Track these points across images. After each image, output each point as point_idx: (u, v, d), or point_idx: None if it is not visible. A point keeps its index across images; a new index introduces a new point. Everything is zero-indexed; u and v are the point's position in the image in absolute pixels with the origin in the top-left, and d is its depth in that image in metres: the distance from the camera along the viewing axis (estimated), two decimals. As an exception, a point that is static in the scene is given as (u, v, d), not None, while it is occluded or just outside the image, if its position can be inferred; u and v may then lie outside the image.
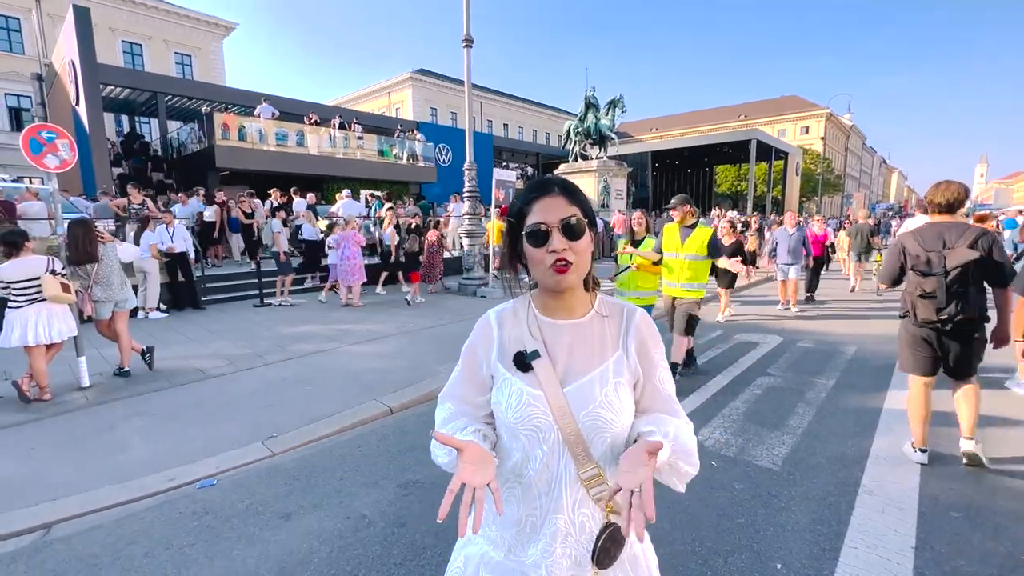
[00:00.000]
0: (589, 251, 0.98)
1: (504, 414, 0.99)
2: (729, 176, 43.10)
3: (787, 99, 62.36)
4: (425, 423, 3.97)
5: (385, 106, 42.28)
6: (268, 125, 16.46)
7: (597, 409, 0.95)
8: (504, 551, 1.01)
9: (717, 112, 65.24)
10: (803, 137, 55.78)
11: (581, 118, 23.14)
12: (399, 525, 2.63)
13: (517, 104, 48.38)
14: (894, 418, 3.87)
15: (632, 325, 1.04)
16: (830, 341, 6.35)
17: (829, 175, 48.49)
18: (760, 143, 32.31)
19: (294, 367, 5.26)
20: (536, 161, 36.46)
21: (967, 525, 2.53)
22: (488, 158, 24.35)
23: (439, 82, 42.14)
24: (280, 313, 8.15)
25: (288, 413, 4.06)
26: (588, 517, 0.97)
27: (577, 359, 1.00)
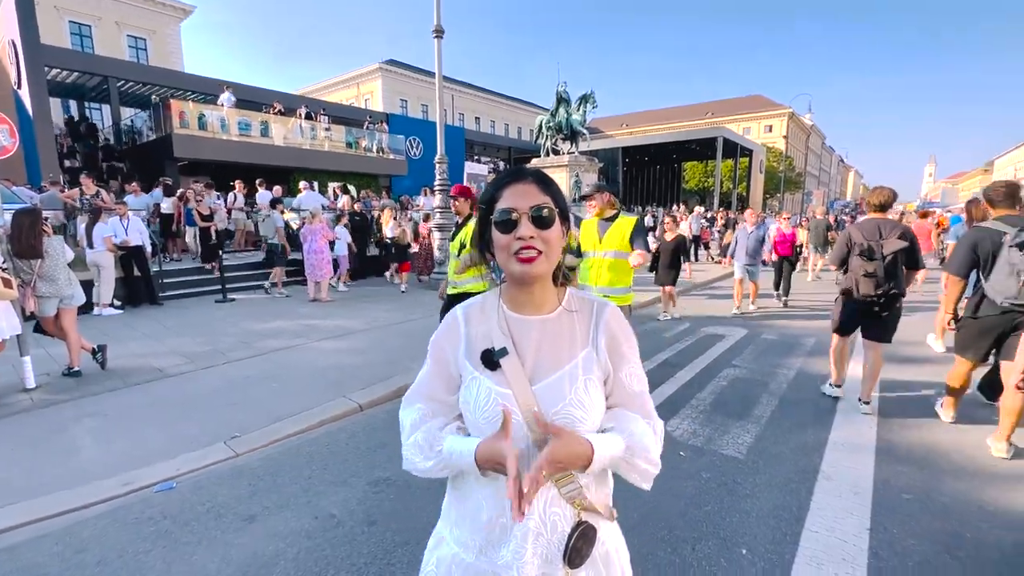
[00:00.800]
0: (559, 243, 0.96)
1: (472, 414, 0.97)
2: (697, 172, 44.07)
3: (752, 98, 64.10)
4: (396, 419, 3.90)
5: (354, 97, 41.34)
6: (230, 114, 15.86)
7: (567, 407, 0.94)
8: (475, 552, 0.98)
9: (685, 110, 66.52)
10: (767, 135, 57.52)
11: (553, 113, 23.16)
12: (369, 523, 2.58)
13: (489, 97, 48.10)
14: (851, 406, 4.03)
15: (602, 320, 1.02)
16: (792, 333, 6.57)
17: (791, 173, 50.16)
18: (726, 141, 33.11)
19: (259, 364, 5.10)
20: (508, 155, 36.36)
21: (917, 506, 2.67)
22: (460, 151, 24.15)
23: (410, 73, 41.46)
24: (244, 309, 7.89)
25: (252, 412, 3.93)
26: (559, 516, 0.95)
27: (546, 356, 0.98)
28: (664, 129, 52.64)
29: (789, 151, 51.80)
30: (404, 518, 2.62)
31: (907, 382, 4.61)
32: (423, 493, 2.84)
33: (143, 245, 8.03)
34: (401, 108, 39.86)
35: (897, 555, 2.29)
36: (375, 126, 20.62)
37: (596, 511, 0.97)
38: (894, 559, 2.26)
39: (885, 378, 4.71)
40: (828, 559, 2.26)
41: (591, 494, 0.97)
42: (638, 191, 40.09)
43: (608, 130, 56.70)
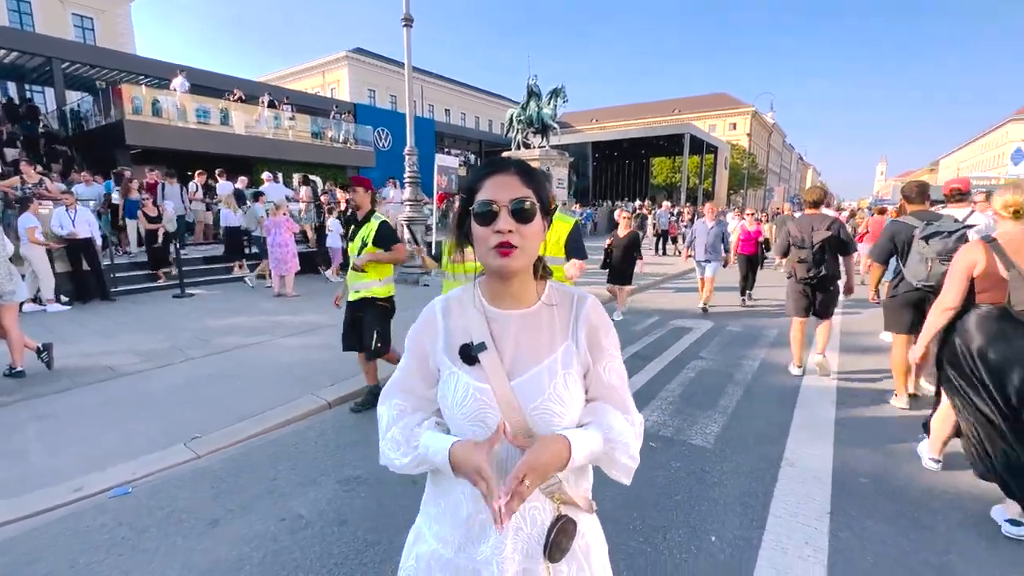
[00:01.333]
0: (539, 238, 0.94)
1: (450, 409, 0.96)
2: (664, 168, 44.87)
3: (717, 96, 65.64)
4: (367, 417, 3.84)
5: (320, 86, 40.14)
6: (185, 100, 15.13)
7: (546, 402, 0.92)
8: (455, 549, 0.97)
9: (653, 106, 67.55)
10: (731, 133, 59.05)
11: (523, 106, 23.11)
12: (339, 523, 2.52)
13: (460, 90, 47.58)
14: (811, 394, 4.20)
15: (582, 313, 1.01)
16: (756, 326, 6.78)
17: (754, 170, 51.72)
18: (693, 137, 33.80)
19: (220, 362, 4.91)
20: (479, 148, 36.11)
21: (873, 489, 2.80)
22: (430, 143, 23.82)
23: (377, 63, 40.54)
24: (204, 304, 7.58)
25: (214, 411, 3.78)
26: (539, 510, 0.95)
27: (525, 350, 0.97)
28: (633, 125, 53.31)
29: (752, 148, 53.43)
30: (376, 516, 2.58)
31: (863, 371, 4.82)
32: (396, 490, 2.79)
33: (92, 237, 7.59)
34: (369, 98, 38.97)
35: (856, 536, 2.39)
36: (342, 116, 20.09)
37: (575, 504, 0.97)
38: (853, 540, 2.36)
39: (843, 368, 4.93)
40: (792, 543, 2.35)
41: (570, 488, 0.96)
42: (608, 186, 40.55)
43: (578, 124, 57.02)
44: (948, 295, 2.60)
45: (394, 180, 13.30)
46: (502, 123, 27.96)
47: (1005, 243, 2.47)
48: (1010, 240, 2.47)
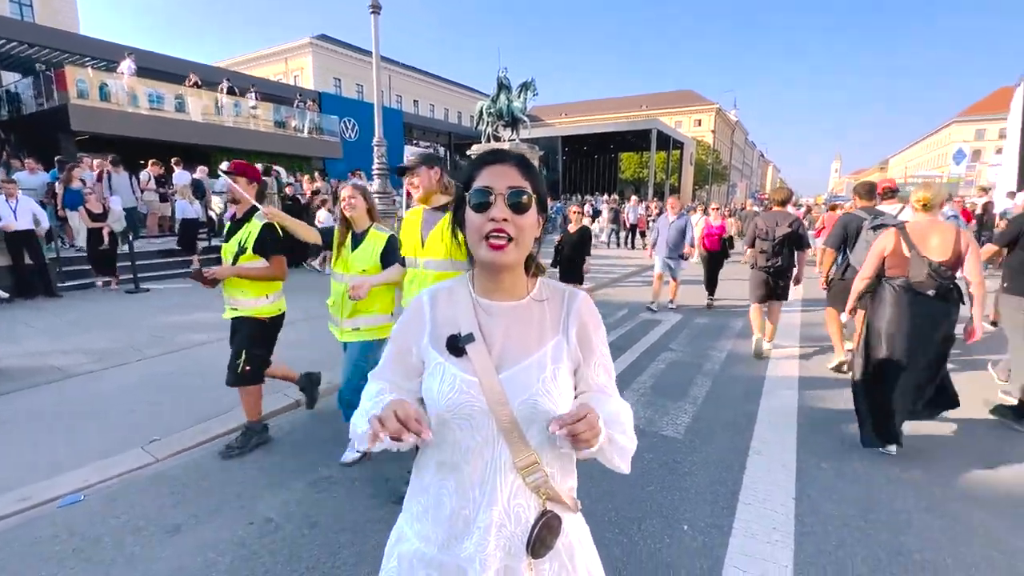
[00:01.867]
0: (533, 232, 0.93)
1: (435, 402, 0.93)
2: (632, 163, 45.51)
3: (683, 93, 66.98)
4: (337, 414, 3.73)
5: (282, 73, 38.76)
6: (136, 84, 14.33)
7: (534, 396, 0.91)
8: (438, 546, 0.95)
9: (621, 101, 68.36)
10: (696, 129, 60.38)
11: (493, 99, 22.94)
12: (310, 526, 2.45)
13: (429, 80, 46.87)
14: (774, 384, 4.35)
15: (573, 308, 1.00)
16: (722, 317, 6.97)
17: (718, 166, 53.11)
18: (660, 133, 34.37)
19: (180, 361, 4.69)
20: (448, 140, 35.74)
21: (833, 475, 2.92)
22: (398, 135, 23.42)
23: (343, 51, 39.44)
24: (160, 300, 7.23)
25: (175, 412, 3.61)
26: (523, 507, 0.94)
27: (514, 343, 0.95)
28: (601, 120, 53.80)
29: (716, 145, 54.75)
30: (349, 517, 2.52)
31: (823, 360, 5.02)
32: (369, 490, 2.74)
33: (32, 229, 7.10)
34: (335, 87, 37.93)
35: (820, 520, 2.49)
36: (306, 105, 19.47)
37: (561, 501, 0.96)
38: (817, 524, 2.46)
39: (803, 360, 5.12)
40: (761, 529, 2.42)
41: (556, 484, 0.95)
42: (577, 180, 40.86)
43: (548, 119, 57.14)
44: (866, 269, 3.27)
45: (360, 172, 13.01)
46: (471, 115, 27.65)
47: (911, 230, 3.09)
48: (915, 227, 3.09)
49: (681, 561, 2.21)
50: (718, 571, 2.15)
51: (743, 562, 2.20)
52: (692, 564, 2.19)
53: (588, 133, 36.94)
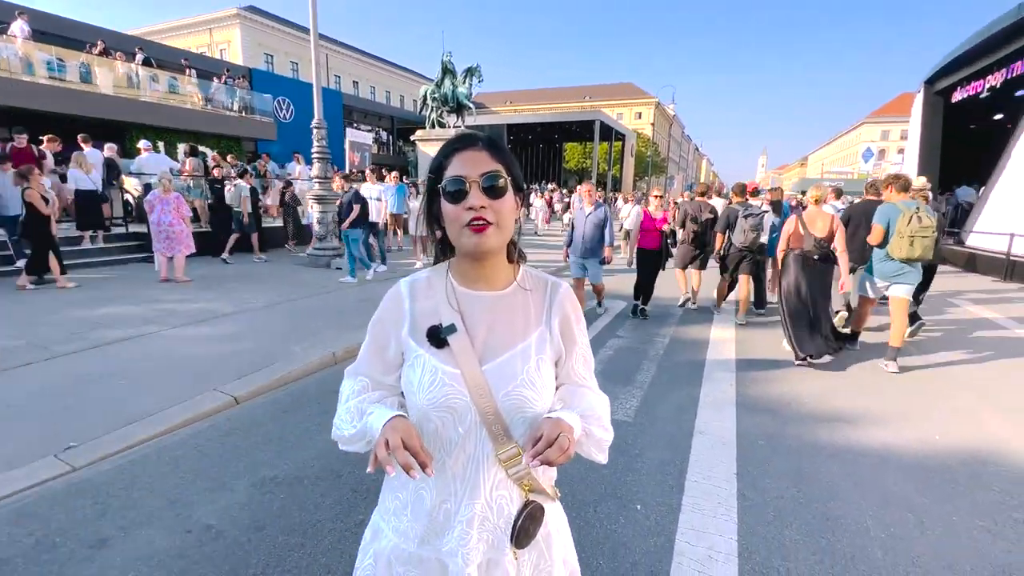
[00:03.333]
0: (512, 215, 0.90)
1: (416, 395, 0.90)
2: (576, 153, 46.26)
3: (624, 85, 68.60)
4: (282, 410, 3.56)
5: (206, 45, 35.88)
6: (30, 48, 12.73)
7: (518, 388, 0.89)
8: (417, 542, 0.94)
9: (565, 91, 69.04)
10: (636, 122, 62.19)
11: (438, 83, 22.45)
12: (256, 530, 2.32)
13: (369, 61, 45.03)
14: (713, 367, 4.59)
15: (556, 299, 0.99)
16: (664, 304, 7.25)
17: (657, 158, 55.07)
18: (603, 124, 35.06)
19: (98, 358, 4.27)
20: (391, 125, 34.70)
21: (770, 451, 3.13)
22: (337, 117, 22.37)
23: (274, 24, 37.02)
24: (70, 292, 6.52)
25: (94, 415, 3.28)
26: (506, 499, 0.93)
27: (497, 334, 0.93)
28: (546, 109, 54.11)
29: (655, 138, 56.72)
30: (297, 518, 2.40)
31: (758, 344, 5.36)
32: (318, 488, 2.63)
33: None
34: (266, 63, 35.60)
35: (759, 493, 2.67)
36: (235, 81, 18.13)
37: (543, 491, 0.97)
38: (757, 497, 2.63)
39: (739, 344, 5.43)
40: (707, 504, 2.56)
41: (537, 474, 0.95)
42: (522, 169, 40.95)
43: (493, 106, 56.72)
44: (781, 243, 4.89)
45: (299, 155, 12.34)
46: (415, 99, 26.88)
47: (805, 216, 4.77)
48: (807, 215, 4.77)
49: (635, 540, 2.29)
50: (670, 547, 2.24)
51: (692, 537, 2.31)
52: (646, 542, 2.28)
53: (534, 122, 37.09)
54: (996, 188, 11.97)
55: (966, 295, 8.31)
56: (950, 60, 15.60)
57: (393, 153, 34.97)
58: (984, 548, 2.29)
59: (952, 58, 15.46)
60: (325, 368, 4.40)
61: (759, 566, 2.15)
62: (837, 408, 3.76)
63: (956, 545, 2.31)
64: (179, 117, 15.61)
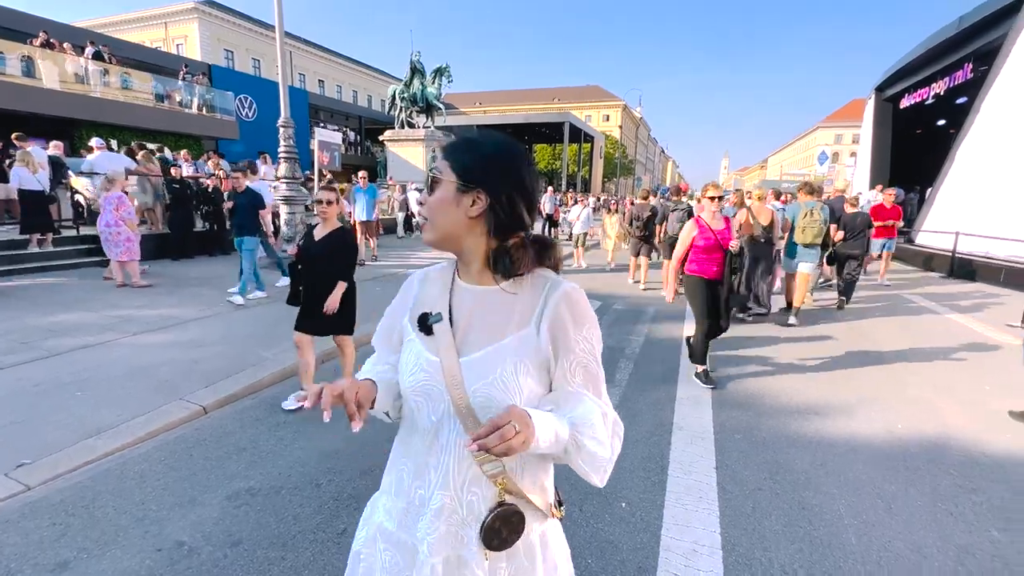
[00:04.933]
0: (443, 210, 0.91)
1: (402, 377, 0.96)
2: (546, 155, 46.58)
3: (592, 88, 69.53)
4: (255, 419, 3.43)
5: (161, 40, 34.41)
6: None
7: (487, 387, 0.86)
8: (397, 522, 0.96)
9: (534, 93, 69.43)
10: (604, 124, 63.15)
11: (407, 83, 22.23)
12: (232, 545, 2.22)
13: (335, 60, 44.09)
14: (689, 365, 4.67)
15: (550, 301, 0.91)
16: (637, 304, 7.37)
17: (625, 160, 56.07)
18: (572, 126, 35.51)
19: (52, 368, 4.01)
20: (359, 125, 34.11)
21: (746, 444, 3.21)
22: (303, 116, 21.84)
23: (235, 20, 35.82)
24: (16, 298, 6.11)
25: (49, 430, 3.08)
26: (479, 497, 0.89)
27: (478, 329, 0.92)
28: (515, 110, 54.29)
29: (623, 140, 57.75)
30: (276, 530, 2.31)
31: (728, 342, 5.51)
32: (296, 498, 2.54)
33: None
34: (226, 60, 34.39)
35: (738, 485, 2.73)
36: (194, 78, 17.45)
37: (524, 497, 0.91)
38: (736, 489, 2.70)
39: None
40: (689, 498, 2.60)
41: (519, 480, 0.91)
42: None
43: (463, 107, 56.49)
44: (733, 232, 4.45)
45: (265, 155, 11.97)
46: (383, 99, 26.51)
47: (753, 209, 6.15)
48: (755, 208, 6.16)
49: (622, 537, 2.31)
50: (656, 542, 2.27)
51: (677, 531, 2.35)
52: (633, 538, 2.30)
53: (504, 123, 37.14)
54: (941, 190, 12.71)
55: (914, 290, 8.79)
56: (898, 68, 16.50)
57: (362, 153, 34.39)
58: (947, 530, 2.41)
59: (900, 67, 16.35)
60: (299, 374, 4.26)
61: (742, 557, 2.20)
62: (807, 401, 3.90)
63: (922, 528, 2.42)
64: (133, 114, 14.90)
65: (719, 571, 2.11)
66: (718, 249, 4.13)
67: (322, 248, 3.31)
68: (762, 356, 4.92)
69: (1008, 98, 10.77)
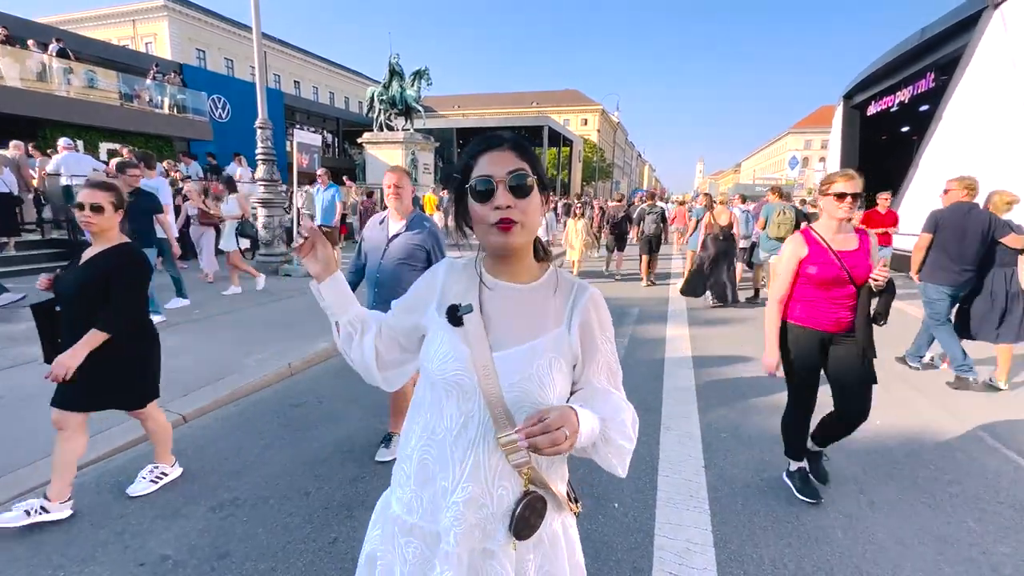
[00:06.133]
0: (537, 213, 0.92)
1: (430, 362, 0.95)
2: (525, 158, 46.72)
3: (570, 92, 70.17)
4: (237, 427, 3.34)
5: (129, 37, 33.37)
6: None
7: (525, 382, 0.89)
8: (419, 514, 0.95)
9: (513, 96, 69.68)
10: (583, 128, 63.76)
11: (385, 85, 22.03)
12: (219, 557, 2.15)
13: (311, 61, 43.46)
14: (673, 364, 4.75)
15: (580, 303, 0.98)
16: (620, 304, 7.44)
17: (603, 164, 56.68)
18: (551, 130, 35.79)
19: (15, 380, 3.83)
20: (336, 127, 33.68)
21: (733, 442, 3.27)
22: (279, 118, 21.46)
23: (206, 18, 34.99)
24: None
25: (16, 444, 2.94)
26: (507, 491, 0.91)
27: (513, 325, 0.94)
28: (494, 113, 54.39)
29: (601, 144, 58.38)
30: (265, 541, 2.25)
31: (713, 341, 5.61)
32: (285, 507, 2.48)
33: None
34: (197, 59, 33.55)
35: (727, 484, 2.78)
36: (164, 77, 16.97)
37: (549, 487, 0.95)
38: (725, 487, 2.74)
39: (694, 341, 5.66)
40: (680, 498, 2.63)
41: (540, 468, 0.94)
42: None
43: (442, 110, 56.30)
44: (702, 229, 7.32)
45: (241, 157, 11.71)
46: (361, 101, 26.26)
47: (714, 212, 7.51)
48: (716, 211, 7.51)
49: (616, 537, 2.32)
50: (650, 542, 2.29)
51: (670, 531, 2.37)
52: (627, 539, 2.31)
53: (482, 127, 37.14)
54: (907, 194, 13.22)
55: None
56: (864, 77, 17.11)
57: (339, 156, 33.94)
58: (926, 522, 2.49)
59: (866, 75, 16.96)
60: (282, 380, 4.17)
61: (734, 554, 2.23)
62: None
63: (903, 520, 2.50)
64: (100, 114, 14.40)
65: (712, 568, 2.14)
66: (847, 283, 2.42)
67: (83, 276, 2.25)
68: (745, 356, 5.02)
69: (968, 106, 11.28)
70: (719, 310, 7.26)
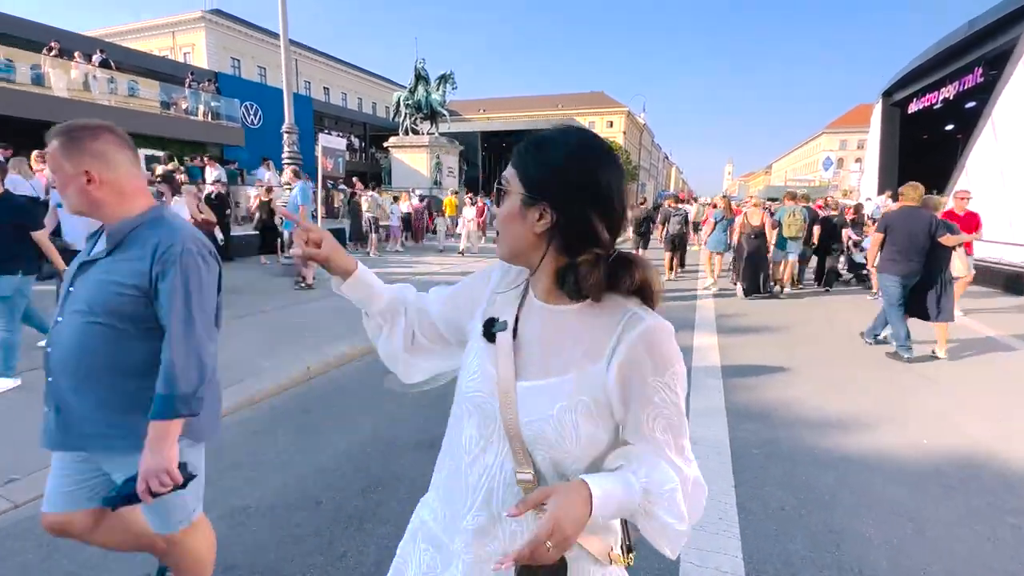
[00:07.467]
0: (512, 223, 0.81)
1: (461, 376, 0.91)
2: (550, 161, 46.49)
3: (595, 94, 69.70)
4: (252, 432, 3.32)
5: (169, 48, 34.73)
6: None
7: (542, 423, 0.77)
8: (442, 524, 0.90)
9: (538, 99, 69.66)
10: (608, 131, 63.21)
11: (411, 90, 22.32)
12: (226, 568, 2.10)
13: (340, 68, 44.36)
14: (701, 374, 4.55)
15: (628, 336, 0.76)
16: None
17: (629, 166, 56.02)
18: (576, 132, 35.43)
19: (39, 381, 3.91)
20: (363, 131, 34.29)
21: (764, 458, 3.07)
22: (308, 123, 21.92)
23: (242, 29, 36.12)
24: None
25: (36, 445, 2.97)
26: (524, 528, 0.80)
27: (542, 352, 0.81)
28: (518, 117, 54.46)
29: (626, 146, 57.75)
30: (274, 554, 2.19)
31: (741, 350, 5.37)
32: (296, 517, 2.42)
33: None
34: (232, 68, 34.65)
35: (759, 505, 2.59)
36: (200, 85, 17.55)
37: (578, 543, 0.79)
38: (758, 509, 2.56)
39: (723, 349, 5.44)
40: (708, 520, 2.45)
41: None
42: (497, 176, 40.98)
43: (467, 113, 56.68)
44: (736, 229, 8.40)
45: (269, 161, 11.96)
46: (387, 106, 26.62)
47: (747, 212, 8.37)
48: (749, 211, 8.33)
49: (640, 563, 2.16)
50: (675, 569, 2.13)
51: (697, 557, 2.21)
52: (650, 564, 2.16)
53: (507, 130, 37.17)
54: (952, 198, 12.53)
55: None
56: (906, 73, 16.37)
57: (366, 160, 34.52)
58: (986, 557, 2.26)
59: (908, 71, 16.22)
60: (299, 384, 4.16)
61: (768, 585, 2.06)
62: (824, 412, 3.75)
63: (958, 554, 2.27)
64: (140, 122, 14.96)
65: (744, 601, 1.98)
66: None
67: None
68: (777, 366, 4.78)
69: (1020, 103, 10.62)
70: (748, 319, 6.96)
